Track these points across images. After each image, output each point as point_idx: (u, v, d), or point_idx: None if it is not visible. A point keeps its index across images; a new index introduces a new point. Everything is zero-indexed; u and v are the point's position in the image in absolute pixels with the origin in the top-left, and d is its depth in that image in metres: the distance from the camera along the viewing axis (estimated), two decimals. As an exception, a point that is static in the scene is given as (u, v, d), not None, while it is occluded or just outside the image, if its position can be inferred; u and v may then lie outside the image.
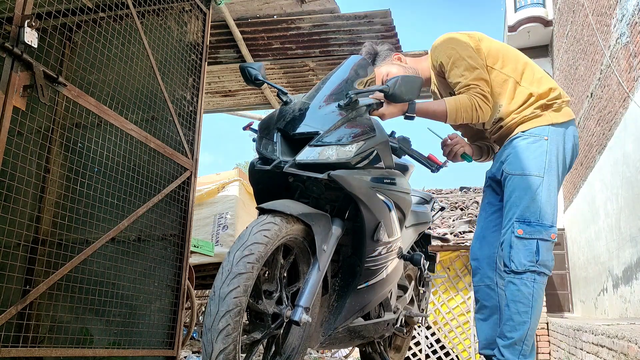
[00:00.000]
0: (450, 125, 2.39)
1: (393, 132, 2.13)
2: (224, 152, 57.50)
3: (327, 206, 1.90)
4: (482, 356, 2.22)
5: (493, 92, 2.17)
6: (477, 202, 11.64)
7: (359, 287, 1.94)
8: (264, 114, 6.45)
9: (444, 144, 2.35)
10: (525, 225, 2.01)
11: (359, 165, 1.83)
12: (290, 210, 1.64)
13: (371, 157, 1.88)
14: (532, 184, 2.04)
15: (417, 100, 2.07)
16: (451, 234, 8.90)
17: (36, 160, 2.95)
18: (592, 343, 4.84)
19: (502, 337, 2.02)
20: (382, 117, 2.08)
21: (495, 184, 2.29)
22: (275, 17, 4.44)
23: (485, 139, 2.43)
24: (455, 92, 2.16)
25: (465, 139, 2.46)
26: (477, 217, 2.37)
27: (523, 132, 2.13)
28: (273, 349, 1.75)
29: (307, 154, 1.75)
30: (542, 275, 1.99)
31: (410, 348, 8.79)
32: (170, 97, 3.29)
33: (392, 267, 2.15)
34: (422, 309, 2.88)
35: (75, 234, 2.79)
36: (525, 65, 2.22)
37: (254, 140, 1.97)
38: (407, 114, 2.08)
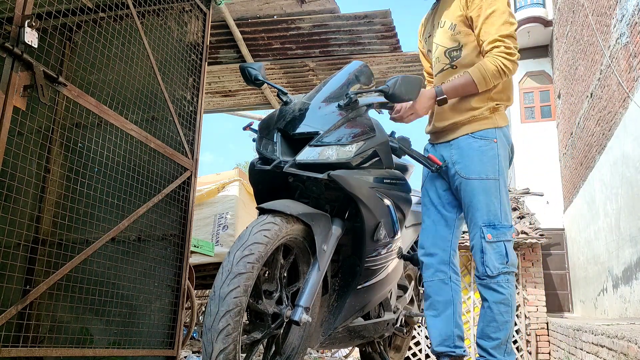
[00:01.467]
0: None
1: (393, 132, 2.14)
2: (225, 151, 57.58)
3: (327, 206, 1.90)
4: (436, 354, 2.18)
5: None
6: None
7: (359, 287, 1.94)
8: (264, 114, 6.46)
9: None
10: (492, 229, 2.06)
11: (359, 166, 1.83)
12: (290, 210, 1.64)
13: (371, 157, 1.88)
14: (491, 188, 2.09)
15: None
16: (451, 234, 8.89)
17: (36, 160, 2.96)
18: (592, 343, 4.84)
19: (487, 338, 2.04)
20: (417, 113, 2.08)
21: (441, 181, 2.26)
22: (275, 17, 4.44)
23: None
24: (482, 47, 2.11)
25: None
26: (424, 212, 2.32)
27: (472, 134, 2.14)
28: (273, 348, 1.75)
29: (307, 154, 1.75)
30: (512, 274, 2.07)
31: (410, 348, 8.79)
32: (170, 97, 3.29)
33: (392, 267, 2.15)
34: (422, 309, 2.88)
35: (75, 234, 2.79)
36: None
37: (254, 140, 1.98)
38: (439, 100, 2.08)
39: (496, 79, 2.06)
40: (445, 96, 2.07)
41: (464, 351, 2.18)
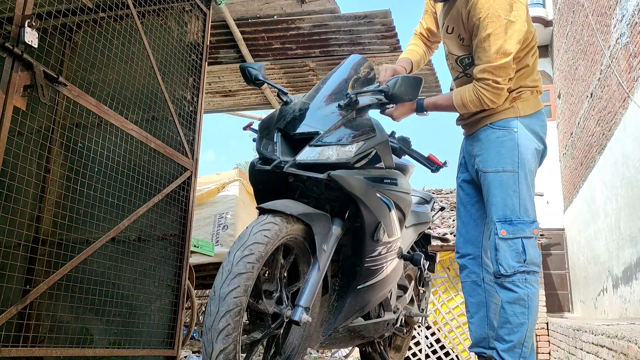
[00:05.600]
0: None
1: (393, 132, 2.14)
2: (227, 149, 57.85)
3: (327, 206, 1.90)
4: (474, 354, 2.20)
5: None
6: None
7: (359, 287, 1.94)
8: (264, 114, 6.46)
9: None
10: (508, 225, 1.96)
11: (359, 165, 1.83)
12: (290, 210, 1.64)
13: (371, 157, 1.88)
14: (508, 180, 1.99)
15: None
16: (451, 234, 8.90)
17: (36, 160, 2.95)
18: (592, 343, 4.84)
19: (500, 340, 1.98)
20: (393, 118, 2.07)
21: (469, 180, 2.23)
22: (275, 17, 4.44)
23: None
24: (474, 68, 2.02)
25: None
26: (456, 213, 2.31)
27: (491, 124, 2.07)
28: (273, 348, 1.75)
29: (307, 154, 1.75)
30: (533, 273, 1.95)
31: (410, 348, 8.79)
32: (170, 97, 3.29)
33: (392, 267, 2.15)
34: (422, 309, 2.88)
35: (75, 233, 2.79)
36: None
37: (254, 140, 1.98)
38: (418, 113, 2.09)
39: (477, 107, 2.03)
40: (425, 111, 2.08)
41: (494, 351, 2.16)
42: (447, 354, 8.86)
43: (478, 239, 2.20)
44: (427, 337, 8.89)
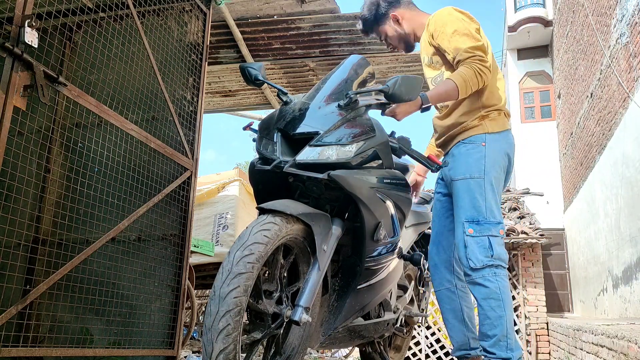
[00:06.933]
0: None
1: (393, 132, 2.13)
2: (227, 149, 57.97)
3: (327, 206, 1.90)
4: (457, 357, 2.26)
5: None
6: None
7: (359, 287, 1.94)
8: (264, 114, 6.46)
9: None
10: (475, 225, 2.07)
11: (359, 165, 1.83)
12: (290, 210, 1.64)
13: (371, 157, 1.88)
14: (475, 186, 2.11)
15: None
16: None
17: (36, 160, 2.96)
18: (592, 343, 4.84)
19: (484, 337, 2.03)
20: (395, 116, 2.09)
21: (445, 193, 2.34)
22: (275, 17, 4.44)
23: None
24: (454, 60, 2.17)
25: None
26: (432, 224, 2.42)
27: (462, 140, 2.21)
28: (273, 348, 1.75)
29: (307, 154, 1.75)
30: (501, 268, 2.04)
31: (410, 348, 8.78)
32: (170, 97, 3.29)
33: (392, 267, 2.15)
34: (422, 309, 2.88)
35: (75, 233, 2.79)
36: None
37: (254, 140, 1.98)
38: (423, 107, 2.10)
39: (475, 83, 2.10)
40: (429, 104, 2.11)
41: (481, 351, 2.19)
42: (447, 354, 8.85)
43: (450, 247, 2.29)
44: (427, 337, 8.89)
